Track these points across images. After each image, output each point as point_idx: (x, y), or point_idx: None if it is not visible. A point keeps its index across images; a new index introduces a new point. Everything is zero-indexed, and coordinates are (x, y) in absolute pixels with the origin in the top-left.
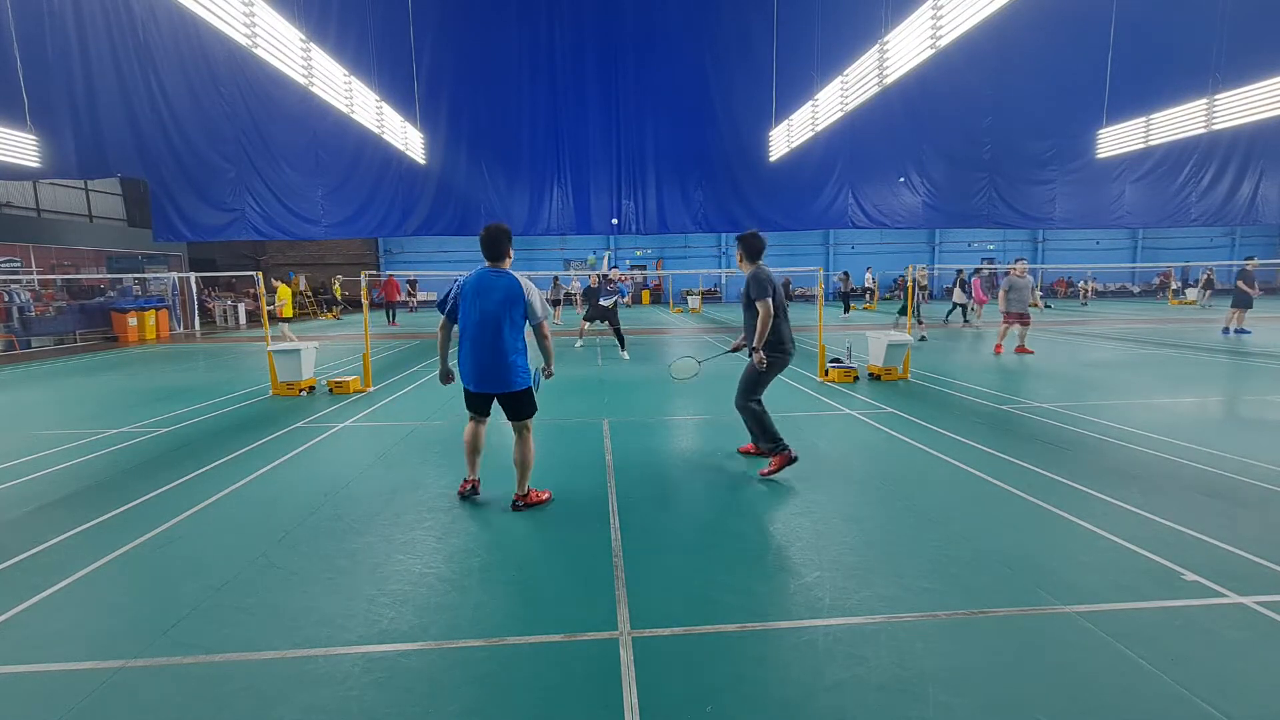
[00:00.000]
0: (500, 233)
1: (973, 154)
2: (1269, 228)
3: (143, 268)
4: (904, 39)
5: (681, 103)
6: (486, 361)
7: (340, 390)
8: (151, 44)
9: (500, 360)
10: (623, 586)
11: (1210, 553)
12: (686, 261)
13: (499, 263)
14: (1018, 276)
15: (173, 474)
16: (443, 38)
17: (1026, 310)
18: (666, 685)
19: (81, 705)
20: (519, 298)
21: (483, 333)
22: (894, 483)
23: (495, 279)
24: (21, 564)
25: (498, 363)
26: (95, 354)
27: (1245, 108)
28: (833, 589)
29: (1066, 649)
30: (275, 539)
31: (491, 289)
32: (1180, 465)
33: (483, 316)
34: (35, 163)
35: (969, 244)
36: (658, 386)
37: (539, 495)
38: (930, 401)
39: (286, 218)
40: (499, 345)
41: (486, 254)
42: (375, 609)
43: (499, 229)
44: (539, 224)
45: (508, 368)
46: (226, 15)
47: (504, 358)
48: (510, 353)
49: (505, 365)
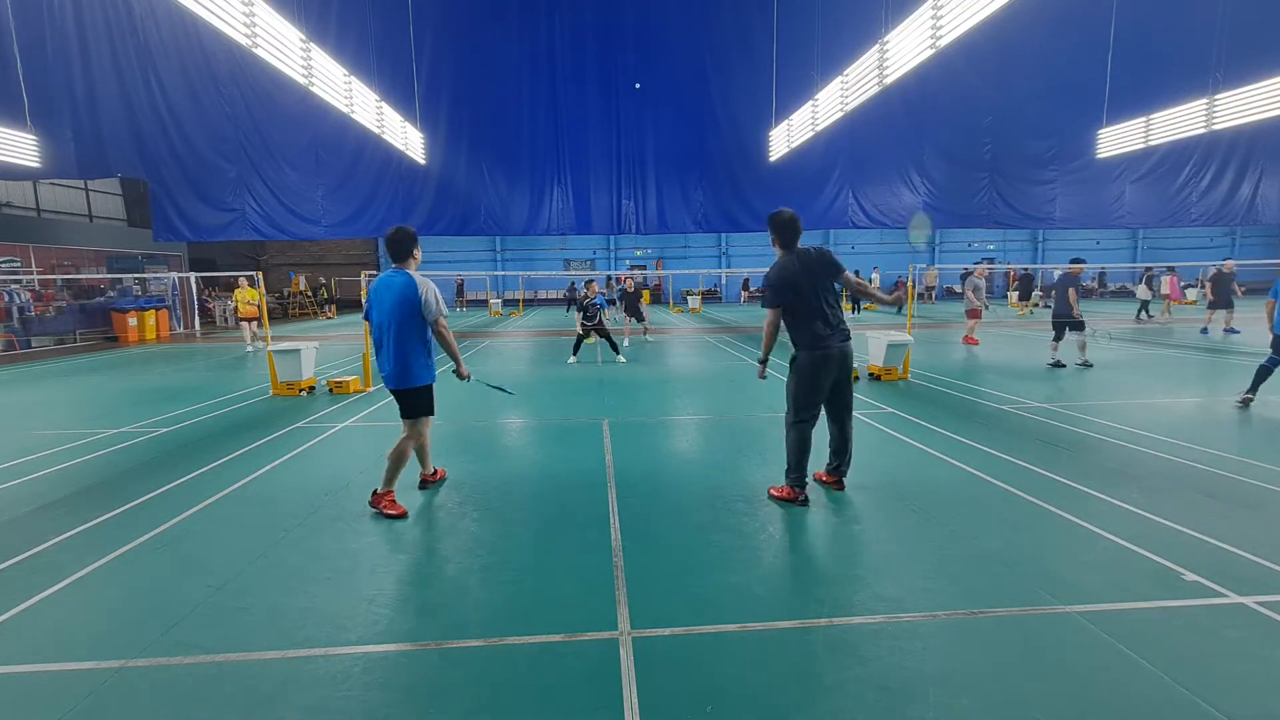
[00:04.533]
0: (404, 234)
1: (973, 154)
2: (1269, 228)
3: (143, 268)
4: (904, 39)
5: (682, 102)
6: (387, 359)
7: (340, 390)
8: (151, 44)
9: (398, 357)
10: (623, 586)
11: (1210, 553)
12: (686, 261)
13: (403, 263)
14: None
15: (173, 474)
16: (443, 38)
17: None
18: (666, 685)
19: (81, 705)
20: (414, 295)
21: (382, 331)
22: (894, 483)
23: (392, 278)
24: (21, 564)
25: (396, 359)
26: (95, 354)
27: (1245, 108)
28: (833, 589)
29: (1066, 649)
30: (275, 539)
31: (389, 288)
32: (1180, 465)
33: (381, 316)
34: (35, 163)
35: (969, 244)
36: (658, 387)
37: (393, 502)
38: (930, 401)
39: (286, 218)
40: (396, 342)
41: (392, 256)
42: (375, 609)
43: (403, 231)
44: (539, 224)
45: (405, 364)
46: (226, 15)
47: (402, 355)
48: (407, 350)
49: (402, 362)
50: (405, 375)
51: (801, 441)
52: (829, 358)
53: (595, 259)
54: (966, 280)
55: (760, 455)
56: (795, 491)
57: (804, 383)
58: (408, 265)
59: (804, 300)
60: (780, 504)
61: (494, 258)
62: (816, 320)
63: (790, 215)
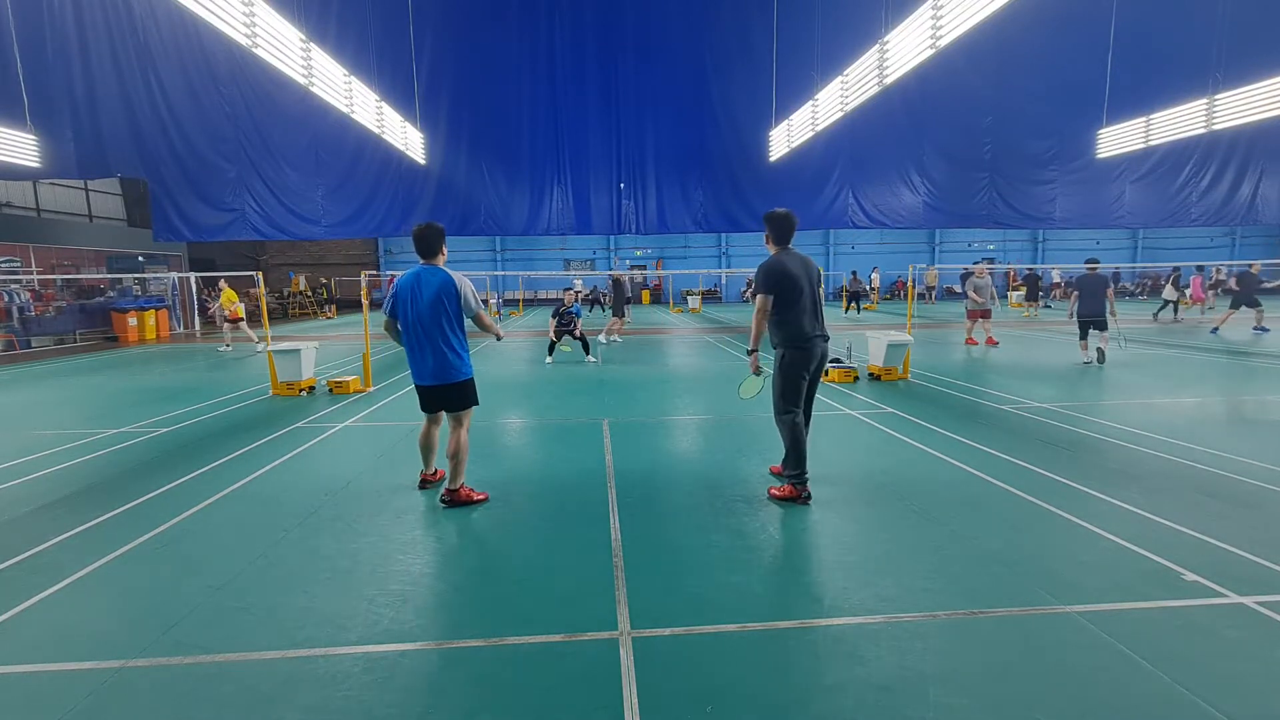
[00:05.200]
0: (433, 231)
1: (973, 154)
2: (1269, 228)
3: (143, 268)
4: (904, 39)
5: (682, 102)
6: (428, 356)
7: (340, 390)
8: (151, 44)
9: (439, 354)
10: (623, 586)
11: (1210, 553)
12: (686, 261)
13: (433, 259)
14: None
15: (173, 474)
16: (443, 38)
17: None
18: (666, 685)
19: (81, 705)
20: (453, 293)
21: (422, 329)
22: (894, 483)
23: (430, 276)
24: (21, 564)
25: (438, 356)
26: (95, 354)
27: (1245, 108)
28: (832, 589)
29: (1066, 649)
30: (276, 539)
31: (427, 286)
32: (1180, 465)
33: (419, 314)
34: (35, 163)
35: (969, 244)
36: (658, 387)
37: (472, 494)
38: (930, 401)
39: (286, 218)
40: (438, 339)
41: (420, 252)
42: (375, 609)
43: (431, 228)
44: (539, 224)
45: (447, 360)
46: (226, 15)
47: (443, 352)
48: (449, 346)
49: (445, 358)
50: (447, 370)
51: (796, 434)
52: (812, 354)
53: (595, 259)
54: (968, 280)
55: (760, 455)
56: (797, 489)
57: (792, 376)
58: (437, 261)
59: (799, 293)
60: (780, 504)
61: (494, 258)
62: (806, 315)
63: (787, 212)
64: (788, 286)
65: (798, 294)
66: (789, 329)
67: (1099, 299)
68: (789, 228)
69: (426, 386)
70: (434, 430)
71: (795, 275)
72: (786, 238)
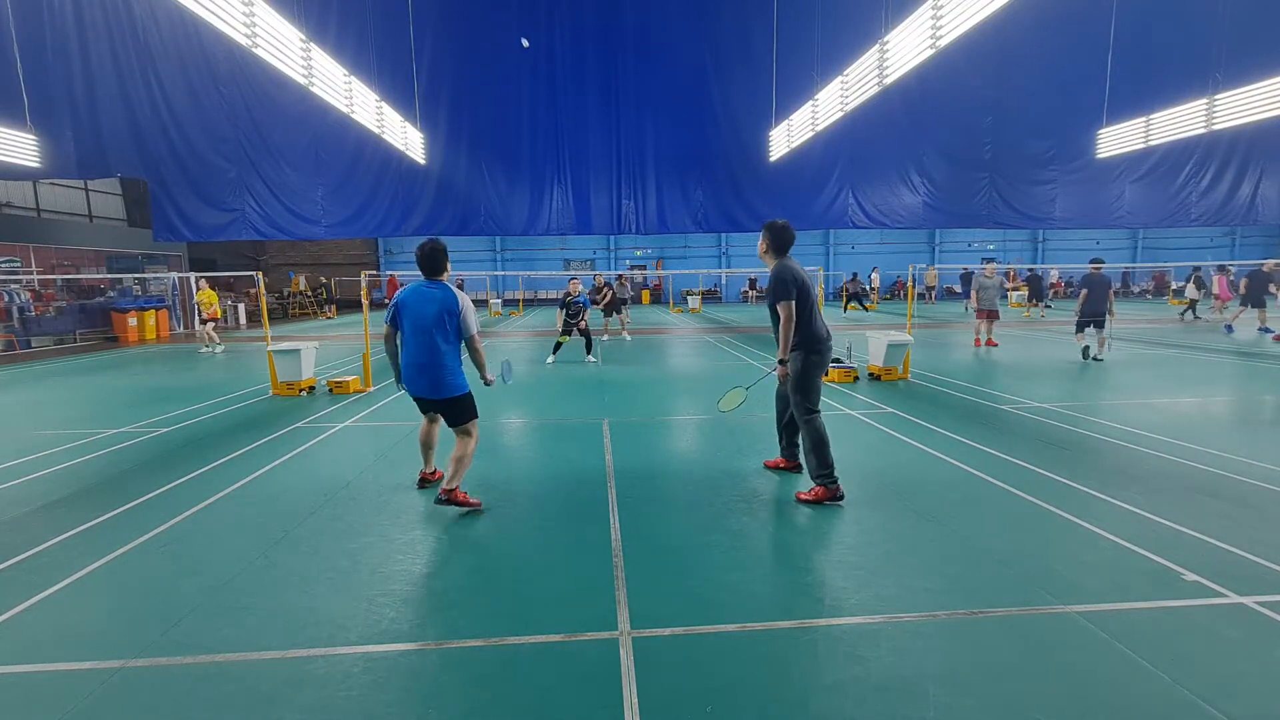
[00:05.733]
0: (439, 249)
1: (973, 154)
2: (1269, 228)
3: (143, 268)
4: (904, 39)
5: (681, 102)
6: (423, 370)
7: (340, 390)
8: (151, 44)
9: (435, 369)
10: (623, 586)
11: (1210, 553)
12: (686, 261)
13: (437, 276)
14: (986, 278)
15: (173, 474)
16: (443, 38)
17: (995, 307)
18: (666, 685)
19: (81, 705)
20: (454, 311)
21: (419, 343)
22: (894, 482)
23: (431, 292)
24: (21, 564)
25: (433, 371)
26: (95, 354)
27: (1245, 108)
28: (832, 589)
29: (1066, 649)
30: (275, 539)
31: (429, 300)
32: (1180, 465)
33: (418, 328)
34: (35, 163)
35: (969, 244)
36: (657, 386)
37: (467, 498)
38: (930, 401)
39: (286, 218)
40: (434, 355)
41: (424, 270)
42: (375, 609)
43: (435, 246)
44: (539, 224)
45: (441, 377)
46: (226, 15)
47: (439, 367)
48: (444, 362)
49: (440, 374)
50: (444, 385)
51: (822, 435)
52: (828, 355)
53: (595, 259)
54: (974, 279)
55: (760, 455)
56: (830, 489)
57: (814, 378)
58: (441, 278)
59: (812, 299)
60: (780, 504)
61: (494, 258)
62: (818, 319)
63: (786, 223)
64: (805, 291)
65: (812, 299)
66: (807, 332)
67: (1104, 298)
68: (790, 239)
69: (423, 399)
70: (434, 428)
71: (807, 280)
72: (786, 249)
